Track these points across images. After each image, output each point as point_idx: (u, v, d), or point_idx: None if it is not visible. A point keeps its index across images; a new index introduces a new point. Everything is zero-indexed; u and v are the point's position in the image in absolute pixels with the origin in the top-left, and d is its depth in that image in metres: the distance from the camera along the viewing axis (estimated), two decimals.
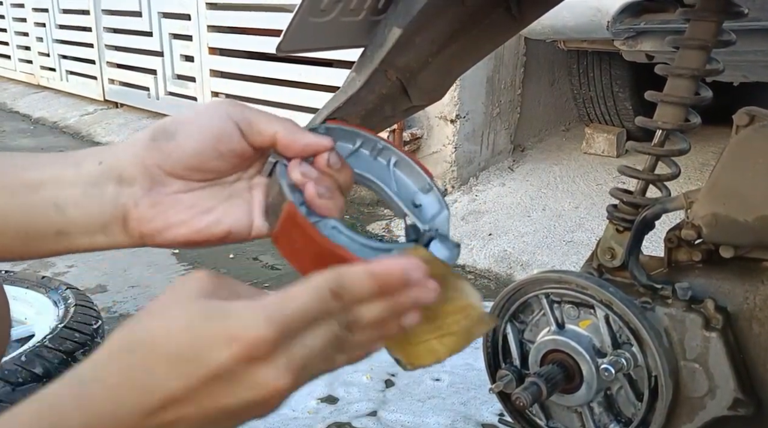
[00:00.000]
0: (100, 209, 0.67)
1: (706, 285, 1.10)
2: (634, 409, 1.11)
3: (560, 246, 2.86)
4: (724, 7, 1.07)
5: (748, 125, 1.03)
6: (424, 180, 0.80)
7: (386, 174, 0.80)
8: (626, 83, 3.82)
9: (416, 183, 0.81)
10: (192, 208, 0.69)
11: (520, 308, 1.19)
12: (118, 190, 0.67)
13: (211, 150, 0.67)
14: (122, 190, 0.67)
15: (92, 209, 0.66)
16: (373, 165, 0.80)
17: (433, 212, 0.80)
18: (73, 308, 1.89)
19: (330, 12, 0.92)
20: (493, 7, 1.05)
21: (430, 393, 1.89)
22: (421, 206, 0.80)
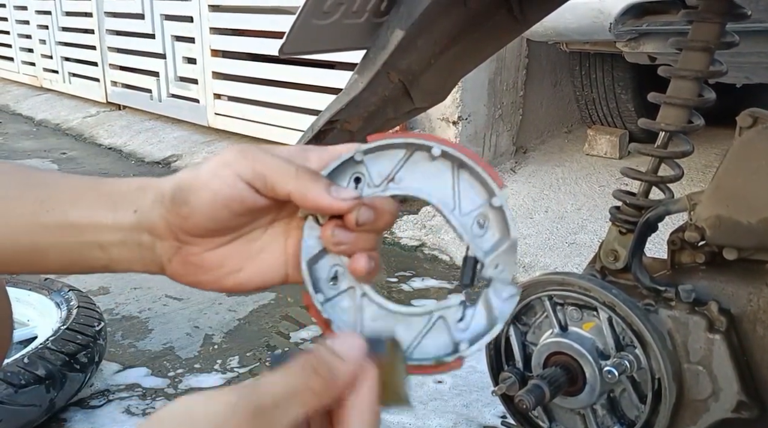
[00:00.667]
0: (140, 253, 0.70)
1: (709, 287, 1.09)
2: (637, 412, 1.10)
3: (563, 248, 2.86)
4: (727, 8, 1.07)
5: (751, 126, 1.03)
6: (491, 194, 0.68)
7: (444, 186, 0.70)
8: (629, 85, 3.82)
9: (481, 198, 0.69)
10: (221, 268, 0.70)
11: (522, 310, 1.18)
12: (153, 241, 0.69)
13: (226, 213, 0.66)
14: (155, 242, 0.69)
15: (133, 252, 0.70)
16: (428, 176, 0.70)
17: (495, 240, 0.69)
18: (76, 310, 1.89)
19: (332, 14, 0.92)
20: (496, 9, 1.05)
21: (432, 395, 1.89)
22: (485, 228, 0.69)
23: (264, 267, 0.71)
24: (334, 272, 0.71)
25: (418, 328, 0.70)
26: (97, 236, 0.69)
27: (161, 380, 1.98)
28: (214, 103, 4.70)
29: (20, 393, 1.60)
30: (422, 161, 0.69)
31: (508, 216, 0.67)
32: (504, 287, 0.68)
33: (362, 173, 0.70)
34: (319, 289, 0.71)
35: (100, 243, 0.69)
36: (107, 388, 1.94)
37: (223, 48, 4.60)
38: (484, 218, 0.69)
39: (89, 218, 0.69)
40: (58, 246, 0.70)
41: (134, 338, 2.24)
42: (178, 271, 0.71)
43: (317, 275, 0.71)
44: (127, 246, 0.70)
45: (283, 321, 2.35)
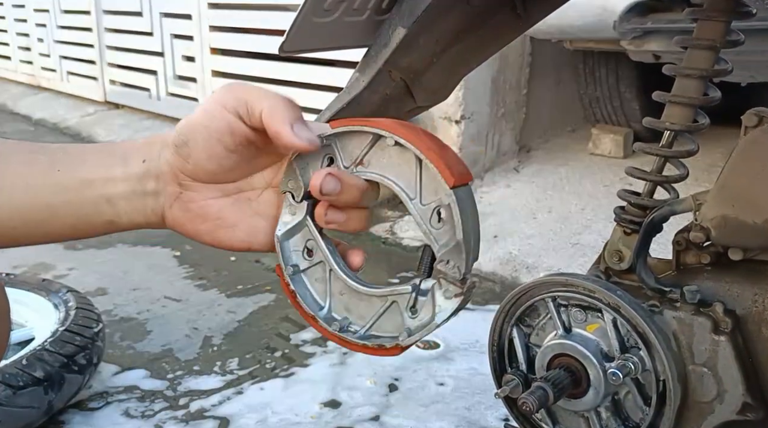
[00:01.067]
0: (143, 202, 0.75)
1: (714, 288, 1.08)
2: (641, 414, 1.09)
3: (567, 249, 2.85)
4: (732, 6, 1.06)
5: (756, 125, 1.02)
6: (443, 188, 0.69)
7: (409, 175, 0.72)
8: (633, 83, 3.81)
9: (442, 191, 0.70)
10: (217, 220, 0.76)
11: (526, 311, 1.17)
12: (158, 187, 0.75)
13: (219, 148, 0.72)
14: (160, 187, 0.75)
15: (138, 202, 0.75)
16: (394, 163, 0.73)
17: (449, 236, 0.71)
18: (74, 312, 1.88)
19: (333, 12, 0.91)
20: (499, 6, 1.04)
21: (433, 397, 1.88)
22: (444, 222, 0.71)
23: (255, 229, 0.77)
24: (308, 246, 0.77)
25: (377, 308, 0.76)
26: (106, 189, 0.74)
27: (160, 382, 1.97)
28: None
29: (18, 395, 1.59)
30: (390, 147, 0.72)
31: (455, 216, 0.69)
32: (448, 285, 0.71)
33: (334, 154, 0.76)
34: (292, 261, 0.78)
35: (108, 196, 0.74)
36: (106, 390, 1.93)
37: (223, 46, 4.58)
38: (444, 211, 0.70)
39: (100, 173, 0.74)
40: (69, 204, 0.74)
41: (133, 339, 2.23)
42: (178, 217, 0.75)
43: (291, 248, 0.78)
44: (133, 197, 0.75)
45: (282, 322, 2.34)
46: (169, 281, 2.71)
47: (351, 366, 2.03)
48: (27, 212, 0.73)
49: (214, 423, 1.78)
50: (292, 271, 0.77)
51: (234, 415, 1.81)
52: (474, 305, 2.48)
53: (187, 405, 1.86)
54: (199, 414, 1.82)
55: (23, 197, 0.73)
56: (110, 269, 2.83)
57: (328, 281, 0.77)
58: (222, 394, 1.91)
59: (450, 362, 2.06)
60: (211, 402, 1.87)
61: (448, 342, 2.18)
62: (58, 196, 0.73)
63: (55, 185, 0.73)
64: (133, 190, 0.74)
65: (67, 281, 2.58)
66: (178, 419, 1.80)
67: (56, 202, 0.73)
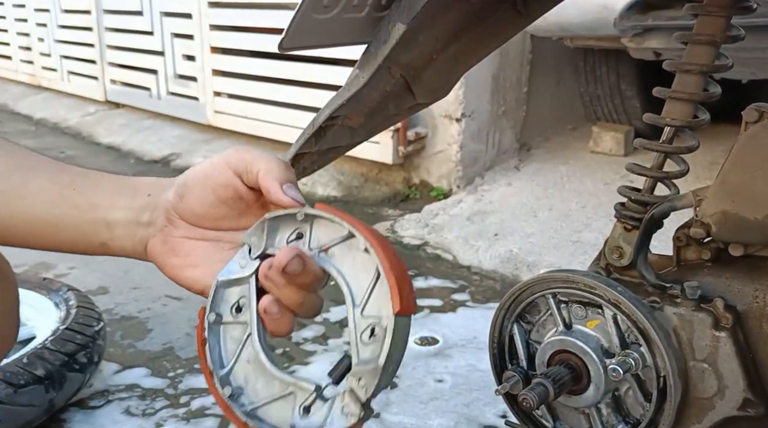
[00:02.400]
0: (136, 231, 0.82)
1: (715, 284, 1.08)
2: (642, 410, 1.09)
3: (567, 246, 2.84)
4: (732, 2, 1.06)
5: (756, 121, 1.02)
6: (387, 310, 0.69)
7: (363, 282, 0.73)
8: (633, 81, 3.81)
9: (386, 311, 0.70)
10: (186, 257, 0.82)
11: (526, 308, 1.17)
12: (151, 219, 0.82)
13: (212, 196, 0.79)
14: (153, 219, 0.82)
15: (132, 230, 0.82)
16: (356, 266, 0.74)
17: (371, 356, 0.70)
18: (75, 310, 1.88)
19: (333, 8, 0.91)
20: (499, 3, 1.04)
21: (432, 394, 1.88)
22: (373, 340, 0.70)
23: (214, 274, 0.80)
24: (240, 303, 0.78)
25: (273, 392, 0.75)
26: (108, 214, 0.82)
27: (161, 380, 1.98)
28: (213, 100, 4.69)
29: (19, 394, 1.59)
30: (357, 250, 0.73)
31: (386, 341, 0.68)
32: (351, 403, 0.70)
33: (305, 233, 0.77)
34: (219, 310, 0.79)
35: (108, 221, 0.82)
36: (107, 388, 1.93)
37: (223, 45, 4.58)
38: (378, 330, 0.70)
39: (107, 200, 0.82)
40: (75, 222, 0.82)
41: (134, 338, 2.23)
42: (156, 248, 0.82)
43: (223, 298, 0.79)
44: (130, 225, 0.82)
45: None
46: (169, 281, 2.70)
47: None
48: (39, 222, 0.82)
49: (215, 421, 1.78)
50: (213, 319, 0.78)
51: None
52: (474, 302, 2.48)
53: (188, 403, 1.86)
54: (200, 412, 1.82)
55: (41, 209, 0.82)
56: (111, 268, 2.82)
57: (242, 345, 0.78)
58: None
59: (448, 358, 2.06)
60: (211, 400, 1.87)
61: (447, 339, 2.18)
62: (67, 213, 0.82)
63: (68, 202, 0.82)
64: (130, 219, 0.82)
65: (68, 279, 2.59)
66: (179, 417, 1.80)
67: (65, 218, 0.82)
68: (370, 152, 3.55)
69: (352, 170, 3.85)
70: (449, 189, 3.53)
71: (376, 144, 3.48)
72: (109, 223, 0.82)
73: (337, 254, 0.75)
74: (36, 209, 0.82)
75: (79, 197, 0.82)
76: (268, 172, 0.77)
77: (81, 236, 0.83)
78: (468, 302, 2.49)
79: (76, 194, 0.82)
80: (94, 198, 0.82)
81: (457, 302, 2.49)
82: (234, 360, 0.78)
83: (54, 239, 0.83)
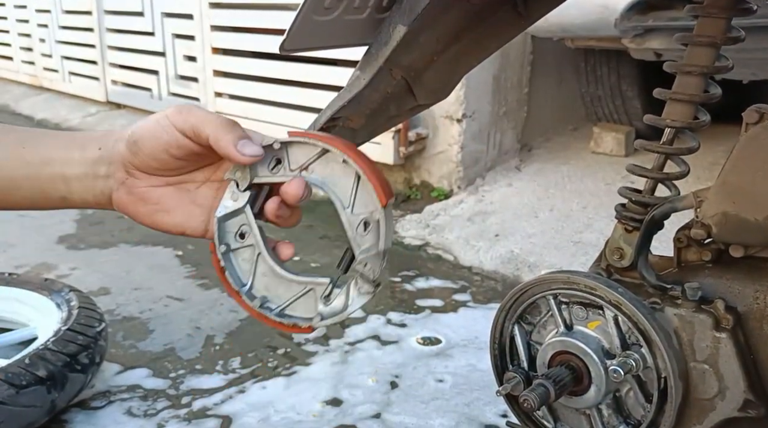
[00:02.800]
0: (94, 183, 0.84)
1: (716, 285, 1.08)
2: (643, 411, 1.09)
3: (568, 247, 2.85)
4: (732, 3, 1.06)
5: (757, 122, 1.01)
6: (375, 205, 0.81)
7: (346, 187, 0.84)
8: (634, 81, 3.81)
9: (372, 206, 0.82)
10: (156, 204, 0.84)
11: (527, 309, 1.17)
12: (108, 172, 0.84)
13: (165, 155, 0.82)
14: (110, 172, 0.84)
15: (90, 183, 0.84)
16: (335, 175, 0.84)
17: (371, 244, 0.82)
18: (76, 311, 1.88)
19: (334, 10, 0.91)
20: (500, 4, 1.04)
21: (433, 394, 1.88)
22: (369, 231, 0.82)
23: (190, 215, 0.86)
24: (242, 230, 0.87)
25: (294, 292, 0.86)
26: (63, 169, 0.83)
27: (162, 381, 1.98)
28: (215, 101, 4.69)
29: (21, 394, 1.59)
30: (334, 162, 0.84)
31: (382, 231, 0.81)
32: (363, 284, 0.82)
33: (283, 157, 0.85)
34: (225, 240, 0.87)
35: (65, 176, 0.84)
36: (108, 389, 1.93)
37: (224, 46, 4.58)
38: (370, 222, 0.82)
39: (60, 154, 0.84)
40: (28, 179, 0.83)
41: (135, 339, 2.23)
42: (122, 199, 0.84)
43: (226, 230, 0.87)
44: (86, 178, 0.84)
45: None
46: (171, 281, 2.71)
47: (352, 364, 2.04)
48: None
49: (217, 421, 1.78)
50: (224, 249, 0.87)
51: (236, 414, 1.81)
52: (475, 303, 2.48)
53: (189, 403, 1.86)
54: (202, 412, 1.82)
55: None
56: (112, 268, 2.83)
57: (254, 263, 0.87)
58: (224, 393, 1.91)
59: (449, 358, 2.06)
60: (213, 400, 1.88)
61: (449, 339, 2.18)
62: (20, 170, 0.83)
63: (19, 159, 0.83)
64: (86, 172, 0.84)
65: (69, 280, 2.59)
66: (180, 418, 1.80)
67: (18, 175, 0.83)
68: (371, 153, 3.53)
69: None
70: (450, 190, 3.53)
71: (377, 145, 3.48)
72: (65, 177, 0.84)
73: (317, 170, 0.84)
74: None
75: (29, 154, 0.84)
76: (217, 137, 0.80)
77: (38, 192, 0.84)
78: (469, 302, 2.49)
79: (26, 152, 0.84)
80: (46, 154, 0.84)
81: (458, 302, 2.49)
82: (252, 277, 0.88)
83: (11, 198, 0.85)
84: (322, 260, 2.90)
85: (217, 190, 0.87)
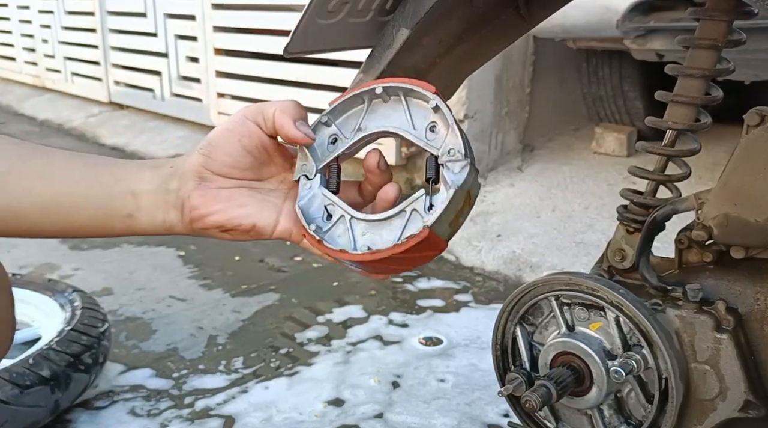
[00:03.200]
0: (165, 197, 0.86)
1: (717, 287, 1.09)
2: (644, 411, 1.10)
3: (570, 248, 2.85)
4: (734, 6, 1.06)
5: (759, 124, 1.02)
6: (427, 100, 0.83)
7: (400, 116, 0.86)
8: (636, 82, 3.81)
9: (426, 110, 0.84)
10: (229, 201, 0.86)
11: (529, 310, 1.18)
12: (179, 184, 0.86)
13: (238, 147, 0.86)
14: (182, 185, 0.86)
15: (160, 197, 0.86)
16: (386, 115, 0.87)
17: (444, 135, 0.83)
18: (80, 311, 1.89)
19: (338, 13, 0.92)
20: (502, 7, 1.04)
21: (435, 394, 1.88)
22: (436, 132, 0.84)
23: (262, 207, 0.87)
24: (327, 210, 0.87)
25: (399, 224, 0.84)
26: (134, 185, 0.86)
27: (165, 381, 1.98)
28: (217, 102, 4.70)
29: (25, 394, 1.60)
30: (379, 106, 0.87)
31: (444, 109, 0.82)
32: (455, 164, 0.81)
33: (336, 133, 0.89)
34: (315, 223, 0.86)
35: (134, 191, 0.85)
36: (112, 389, 1.94)
37: (227, 47, 4.59)
38: (433, 125, 0.84)
39: (134, 172, 0.87)
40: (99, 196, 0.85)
41: (138, 339, 2.24)
42: (195, 201, 0.86)
43: (312, 216, 0.87)
44: (157, 193, 0.86)
45: (287, 321, 2.35)
46: (174, 281, 2.72)
47: (354, 364, 2.04)
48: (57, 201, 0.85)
49: (219, 421, 1.79)
50: (314, 229, 0.85)
51: (239, 414, 1.81)
52: (477, 303, 2.49)
53: (192, 403, 1.87)
54: (204, 412, 1.83)
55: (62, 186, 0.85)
56: (116, 269, 2.83)
57: (350, 231, 0.86)
58: (227, 393, 1.91)
59: (450, 358, 2.07)
60: (216, 400, 1.88)
61: (451, 339, 2.18)
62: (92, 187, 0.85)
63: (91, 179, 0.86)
64: (158, 187, 0.86)
65: (72, 281, 2.60)
66: (183, 418, 1.81)
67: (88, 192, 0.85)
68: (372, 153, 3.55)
69: (355, 170, 3.85)
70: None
71: (378, 145, 3.48)
72: (135, 193, 0.85)
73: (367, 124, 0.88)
74: (57, 186, 0.85)
75: (102, 173, 0.86)
76: (282, 110, 0.85)
77: (103, 210, 0.85)
78: (471, 302, 2.50)
79: (99, 171, 0.86)
80: (119, 173, 0.87)
81: (459, 302, 2.49)
82: (354, 241, 0.85)
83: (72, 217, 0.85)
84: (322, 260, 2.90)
85: (285, 196, 0.90)
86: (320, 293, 2.56)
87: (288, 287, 2.63)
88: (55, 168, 0.86)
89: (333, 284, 2.62)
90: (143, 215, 0.86)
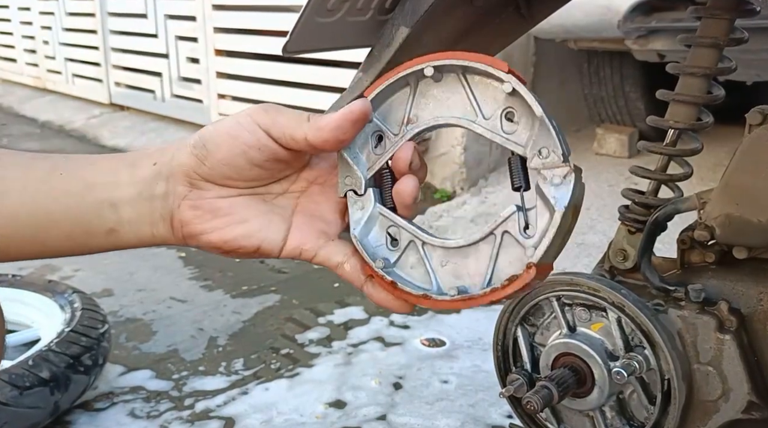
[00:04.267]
0: (150, 206, 0.70)
1: (719, 287, 1.08)
2: (646, 413, 1.09)
3: (571, 248, 2.84)
4: (735, 5, 1.06)
5: (760, 124, 1.01)
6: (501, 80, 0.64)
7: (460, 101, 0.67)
8: (637, 83, 3.80)
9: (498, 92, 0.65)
10: (227, 216, 0.70)
11: (530, 311, 1.17)
12: (167, 188, 0.70)
13: (242, 159, 0.68)
14: (170, 189, 0.70)
15: (144, 207, 0.70)
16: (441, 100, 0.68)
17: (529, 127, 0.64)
18: (80, 313, 1.88)
19: (337, 12, 0.91)
20: (503, 6, 1.04)
21: (438, 395, 1.88)
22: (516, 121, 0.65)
23: (268, 223, 0.71)
24: (390, 233, 0.70)
25: (488, 253, 0.67)
26: (110, 193, 0.69)
27: (165, 382, 1.98)
28: (218, 103, 4.70)
29: (24, 396, 1.59)
30: (429, 88, 0.68)
31: (526, 96, 0.63)
32: (553, 172, 0.63)
33: (380, 129, 0.70)
34: (379, 256, 0.69)
35: (112, 200, 0.69)
36: (111, 390, 1.93)
37: (227, 47, 4.59)
38: (510, 111, 0.65)
39: (105, 176, 0.70)
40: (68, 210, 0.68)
41: (138, 340, 2.23)
42: (187, 215, 0.70)
43: (374, 244, 0.70)
44: (140, 201, 0.69)
45: (287, 323, 2.35)
46: (174, 283, 2.72)
47: (356, 365, 2.03)
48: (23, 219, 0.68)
49: (219, 423, 1.78)
50: (383, 265, 0.68)
51: (239, 415, 1.81)
52: None
53: (192, 405, 1.86)
54: (205, 414, 1.82)
55: (18, 203, 0.68)
56: (116, 270, 2.83)
57: (426, 260, 0.69)
58: (227, 394, 1.91)
59: (453, 359, 2.06)
60: (216, 402, 1.88)
61: (453, 340, 2.18)
62: (57, 201, 0.68)
63: (55, 189, 0.68)
64: (140, 193, 0.69)
65: (72, 282, 2.59)
66: (183, 419, 1.80)
67: (55, 208, 0.68)
68: None
69: None
70: (453, 191, 3.53)
71: None
72: (113, 203, 0.69)
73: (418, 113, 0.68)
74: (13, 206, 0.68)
75: (67, 181, 0.69)
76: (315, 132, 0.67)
77: (80, 226, 0.69)
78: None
79: (63, 180, 0.69)
80: (88, 177, 0.69)
81: None
82: (433, 276, 0.68)
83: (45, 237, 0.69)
84: None
85: (296, 202, 0.74)
86: (321, 294, 2.56)
87: (289, 289, 2.62)
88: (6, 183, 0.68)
89: (334, 286, 2.62)
90: (127, 229, 0.70)
